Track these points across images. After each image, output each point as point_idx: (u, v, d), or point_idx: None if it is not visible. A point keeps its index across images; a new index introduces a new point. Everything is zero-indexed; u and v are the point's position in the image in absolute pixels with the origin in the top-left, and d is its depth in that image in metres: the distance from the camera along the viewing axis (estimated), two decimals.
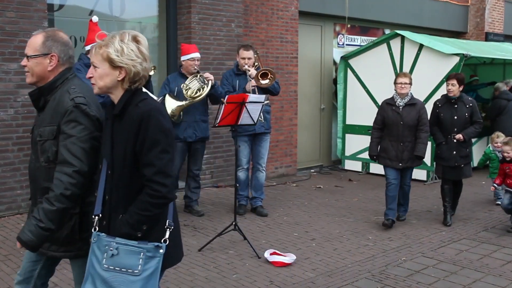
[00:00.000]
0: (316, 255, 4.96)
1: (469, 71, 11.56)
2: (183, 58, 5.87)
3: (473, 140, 9.30)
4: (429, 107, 8.23)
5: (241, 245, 5.08)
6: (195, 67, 5.78)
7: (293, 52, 8.88)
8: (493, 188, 6.18)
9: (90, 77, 2.34)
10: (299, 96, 9.09)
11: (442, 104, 6.13)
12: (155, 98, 4.96)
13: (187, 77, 5.79)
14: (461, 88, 5.97)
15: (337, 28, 9.97)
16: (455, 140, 5.97)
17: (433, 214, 6.50)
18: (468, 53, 8.01)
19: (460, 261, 4.86)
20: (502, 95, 9.26)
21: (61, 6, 6.48)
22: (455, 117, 6.00)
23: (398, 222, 6.05)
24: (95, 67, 2.34)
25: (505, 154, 5.97)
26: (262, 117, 5.83)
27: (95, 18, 4.71)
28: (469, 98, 6.14)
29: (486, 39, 12.22)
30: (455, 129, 5.99)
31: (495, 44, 11.00)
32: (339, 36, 10.00)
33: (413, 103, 5.88)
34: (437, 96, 8.23)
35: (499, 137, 7.00)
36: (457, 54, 8.02)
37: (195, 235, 5.41)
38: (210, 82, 5.66)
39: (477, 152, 9.18)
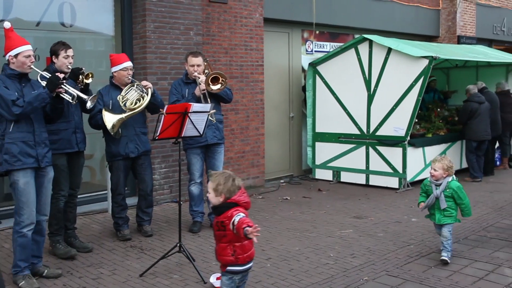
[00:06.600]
0: (269, 277, 4.56)
1: (442, 75, 11.36)
2: (114, 69, 5.43)
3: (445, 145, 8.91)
4: (400, 112, 8.07)
5: (188, 268, 4.67)
6: (129, 77, 5.40)
7: (258, 59, 8.56)
8: None
9: None
10: (266, 104, 8.76)
11: None
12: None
13: (122, 89, 5.39)
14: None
15: (305, 35, 9.67)
16: None
17: (402, 226, 6.15)
18: (437, 55, 7.77)
19: (427, 279, 4.48)
20: (473, 98, 8.99)
21: (2, 20, 6.07)
22: None
23: (364, 236, 5.69)
24: None
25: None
26: (214, 118, 5.49)
27: (7, 24, 4.32)
28: None
29: (459, 43, 12.04)
30: None
31: (467, 47, 10.82)
32: (307, 43, 9.70)
33: None
34: (408, 101, 7.98)
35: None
36: (426, 57, 7.77)
37: (140, 257, 4.99)
38: (149, 90, 5.28)
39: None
